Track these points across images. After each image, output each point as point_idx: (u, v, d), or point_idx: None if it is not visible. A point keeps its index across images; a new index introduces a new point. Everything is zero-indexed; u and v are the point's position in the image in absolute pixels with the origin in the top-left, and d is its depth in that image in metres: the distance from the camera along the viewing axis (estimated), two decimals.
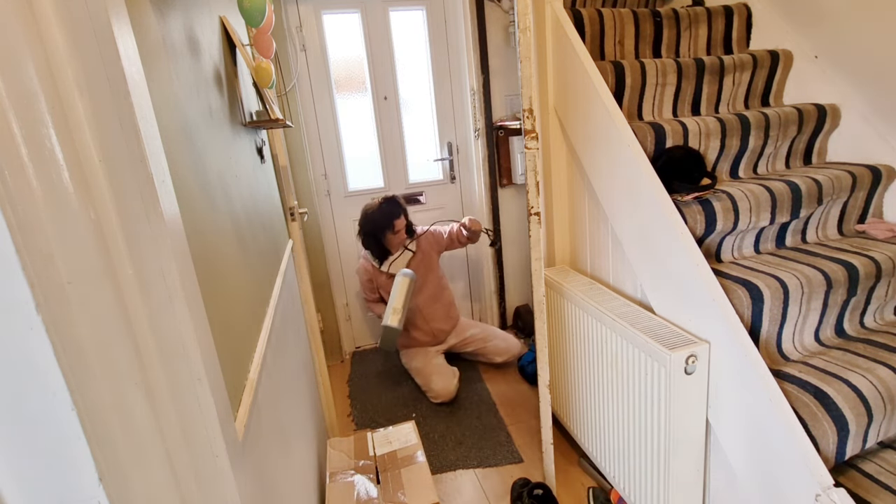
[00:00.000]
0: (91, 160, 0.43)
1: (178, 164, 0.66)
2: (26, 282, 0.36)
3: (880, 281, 1.29)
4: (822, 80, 1.64)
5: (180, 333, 0.51)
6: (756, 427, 1.08)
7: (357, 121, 2.65)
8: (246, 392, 0.80)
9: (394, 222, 2.30)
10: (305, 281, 1.92)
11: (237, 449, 0.62)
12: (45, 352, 0.38)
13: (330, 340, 2.74)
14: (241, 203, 1.05)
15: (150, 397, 0.48)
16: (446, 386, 2.25)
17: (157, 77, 0.64)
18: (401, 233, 2.34)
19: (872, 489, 1.06)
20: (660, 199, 1.27)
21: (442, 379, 2.28)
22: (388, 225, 2.30)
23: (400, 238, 2.36)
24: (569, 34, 1.53)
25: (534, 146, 1.34)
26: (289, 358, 1.32)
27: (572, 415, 1.74)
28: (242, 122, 1.23)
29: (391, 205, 2.32)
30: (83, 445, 0.40)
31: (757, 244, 1.43)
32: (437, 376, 2.29)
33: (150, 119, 0.52)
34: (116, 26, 0.47)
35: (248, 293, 0.96)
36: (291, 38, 2.42)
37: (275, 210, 1.59)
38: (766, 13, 1.80)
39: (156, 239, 0.49)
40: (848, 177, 1.43)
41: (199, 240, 0.70)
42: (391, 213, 2.30)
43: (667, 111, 1.67)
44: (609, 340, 1.39)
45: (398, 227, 2.31)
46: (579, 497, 1.67)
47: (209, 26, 1.04)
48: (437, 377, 2.29)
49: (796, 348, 1.25)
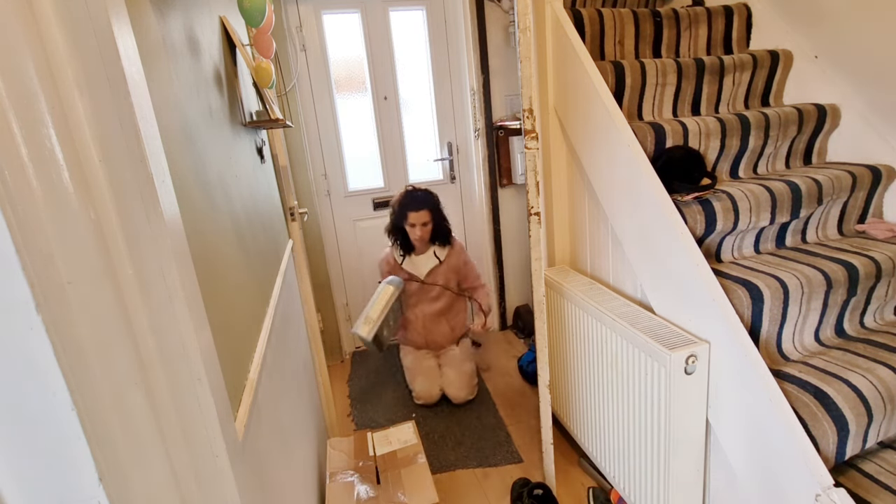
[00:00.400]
0: (91, 160, 0.43)
1: (178, 164, 0.66)
2: (26, 282, 0.36)
3: (880, 281, 1.29)
4: (822, 80, 1.64)
5: (180, 333, 0.51)
6: (756, 427, 1.08)
7: (357, 121, 2.65)
8: (246, 392, 0.80)
9: (408, 214, 2.19)
10: (305, 281, 1.92)
11: (237, 449, 0.62)
12: (45, 352, 0.38)
13: (330, 340, 2.74)
14: (241, 203, 1.05)
15: (150, 397, 0.48)
16: (428, 390, 2.23)
17: (157, 77, 0.64)
18: (417, 228, 2.20)
19: (872, 489, 1.06)
20: (660, 199, 1.27)
21: (426, 382, 2.25)
22: (402, 216, 2.21)
23: (419, 235, 2.21)
24: (569, 34, 1.53)
25: (534, 146, 1.34)
26: (289, 358, 1.32)
27: (572, 415, 1.74)
28: (242, 122, 1.23)
29: (409, 197, 2.22)
30: (83, 445, 0.40)
31: (757, 244, 1.43)
32: (423, 378, 2.26)
33: (150, 119, 0.52)
34: (116, 26, 0.47)
35: (248, 293, 0.96)
36: (291, 38, 2.42)
37: (275, 210, 1.59)
38: (766, 13, 1.80)
39: (156, 239, 0.49)
40: (848, 177, 1.43)
41: (199, 240, 0.70)
42: (406, 205, 2.20)
43: (667, 111, 1.67)
44: (609, 340, 1.39)
45: (412, 220, 2.19)
46: (579, 497, 1.67)
47: (209, 26, 1.04)
48: (421, 378, 2.26)
49: (796, 348, 1.25)
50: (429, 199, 2.23)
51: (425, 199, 2.22)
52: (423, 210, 2.20)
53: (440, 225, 2.28)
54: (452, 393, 2.23)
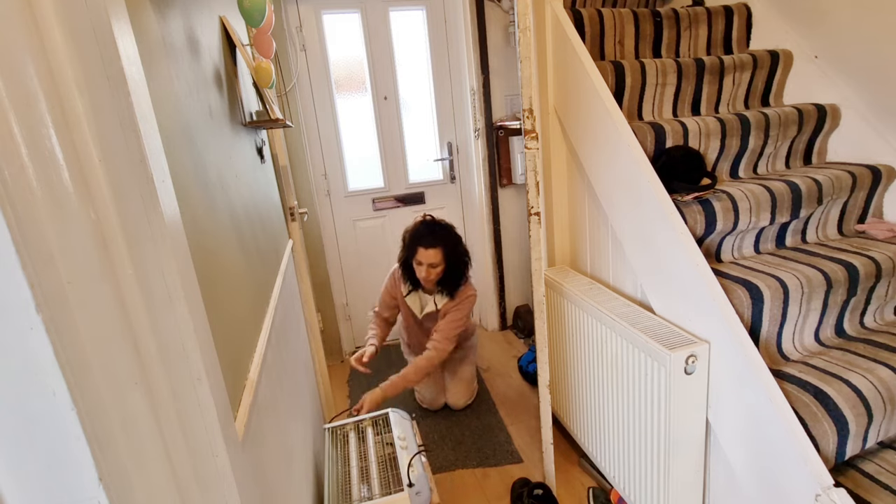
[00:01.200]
0: (91, 160, 0.43)
1: (178, 164, 0.66)
2: (26, 282, 0.36)
3: (880, 281, 1.29)
4: (822, 80, 1.64)
5: (180, 333, 0.51)
6: (756, 427, 1.08)
7: (357, 121, 2.65)
8: (246, 392, 0.80)
9: (417, 248, 1.86)
10: (305, 281, 1.92)
11: (237, 449, 0.62)
12: (45, 352, 0.38)
13: (330, 340, 2.74)
14: (241, 203, 1.05)
15: (150, 397, 0.48)
16: (434, 397, 2.20)
17: (157, 77, 0.64)
18: (424, 268, 1.87)
19: (872, 489, 1.06)
20: (660, 199, 1.27)
21: (433, 389, 2.20)
22: (412, 250, 1.90)
23: (424, 276, 1.89)
24: (569, 34, 1.53)
25: (534, 146, 1.34)
26: (289, 358, 1.32)
27: (572, 415, 1.74)
28: (242, 122, 1.23)
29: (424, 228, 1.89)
30: (83, 445, 0.40)
31: (757, 244, 1.43)
32: (429, 385, 2.20)
33: (150, 119, 0.52)
34: (116, 26, 0.47)
35: (248, 293, 0.96)
36: (291, 38, 2.42)
37: (275, 210, 1.59)
38: (766, 13, 1.80)
39: (156, 239, 0.49)
40: (848, 177, 1.43)
41: (199, 240, 0.70)
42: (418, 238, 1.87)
43: (667, 111, 1.67)
44: (609, 340, 1.39)
45: (420, 257, 1.86)
46: (579, 497, 1.67)
47: (209, 26, 1.04)
48: (427, 386, 2.20)
49: (796, 348, 1.25)
50: (446, 236, 1.88)
51: (442, 234, 1.87)
52: (436, 248, 1.85)
53: (453, 271, 1.92)
54: (452, 401, 2.20)
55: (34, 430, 0.39)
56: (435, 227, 1.89)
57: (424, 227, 1.89)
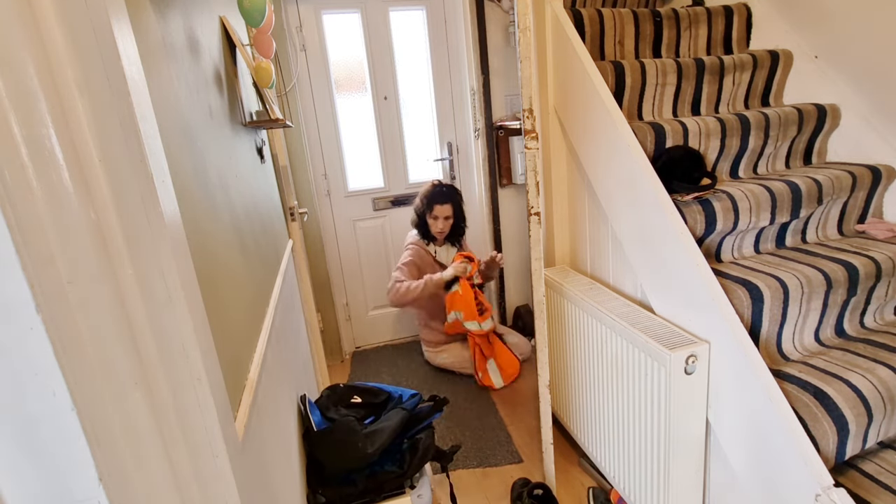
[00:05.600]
0: (91, 160, 0.43)
1: (178, 164, 0.66)
2: (26, 282, 0.36)
3: (880, 281, 1.29)
4: (822, 80, 1.64)
5: (180, 333, 0.51)
6: (756, 427, 1.08)
7: (357, 121, 2.65)
8: (246, 392, 0.80)
9: (434, 206, 2.34)
10: (305, 281, 1.92)
11: (237, 449, 0.62)
12: (45, 352, 0.38)
13: (330, 340, 2.74)
14: (241, 203, 1.05)
15: (150, 397, 0.48)
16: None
17: (157, 77, 0.64)
18: (440, 221, 2.37)
19: (872, 489, 1.06)
20: (660, 199, 1.27)
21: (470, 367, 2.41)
22: (428, 207, 2.36)
23: (440, 228, 2.38)
24: (569, 34, 1.53)
25: (534, 146, 1.34)
26: (289, 358, 1.32)
27: (572, 415, 1.74)
28: (242, 122, 1.23)
29: (436, 189, 2.37)
30: (83, 445, 0.40)
31: (757, 244, 1.43)
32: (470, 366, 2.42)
33: (150, 119, 0.52)
34: (116, 26, 0.47)
35: (248, 293, 0.96)
36: (291, 38, 2.42)
37: (275, 210, 1.59)
38: (766, 13, 1.80)
39: (156, 239, 0.49)
40: (848, 177, 1.43)
41: (199, 240, 0.70)
42: (433, 197, 2.35)
43: (667, 111, 1.67)
44: (609, 340, 1.39)
45: (437, 212, 2.36)
46: (579, 497, 1.67)
47: (209, 26, 1.04)
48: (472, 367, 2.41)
49: (796, 348, 1.25)
50: (454, 194, 2.39)
51: (451, 193, 2.38)
52: (447, 203, 2.35)
53: (458, 222, 2.43)
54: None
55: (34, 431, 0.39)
56: (444, 187, 2.39)
57: (437, 188, 2.39)
